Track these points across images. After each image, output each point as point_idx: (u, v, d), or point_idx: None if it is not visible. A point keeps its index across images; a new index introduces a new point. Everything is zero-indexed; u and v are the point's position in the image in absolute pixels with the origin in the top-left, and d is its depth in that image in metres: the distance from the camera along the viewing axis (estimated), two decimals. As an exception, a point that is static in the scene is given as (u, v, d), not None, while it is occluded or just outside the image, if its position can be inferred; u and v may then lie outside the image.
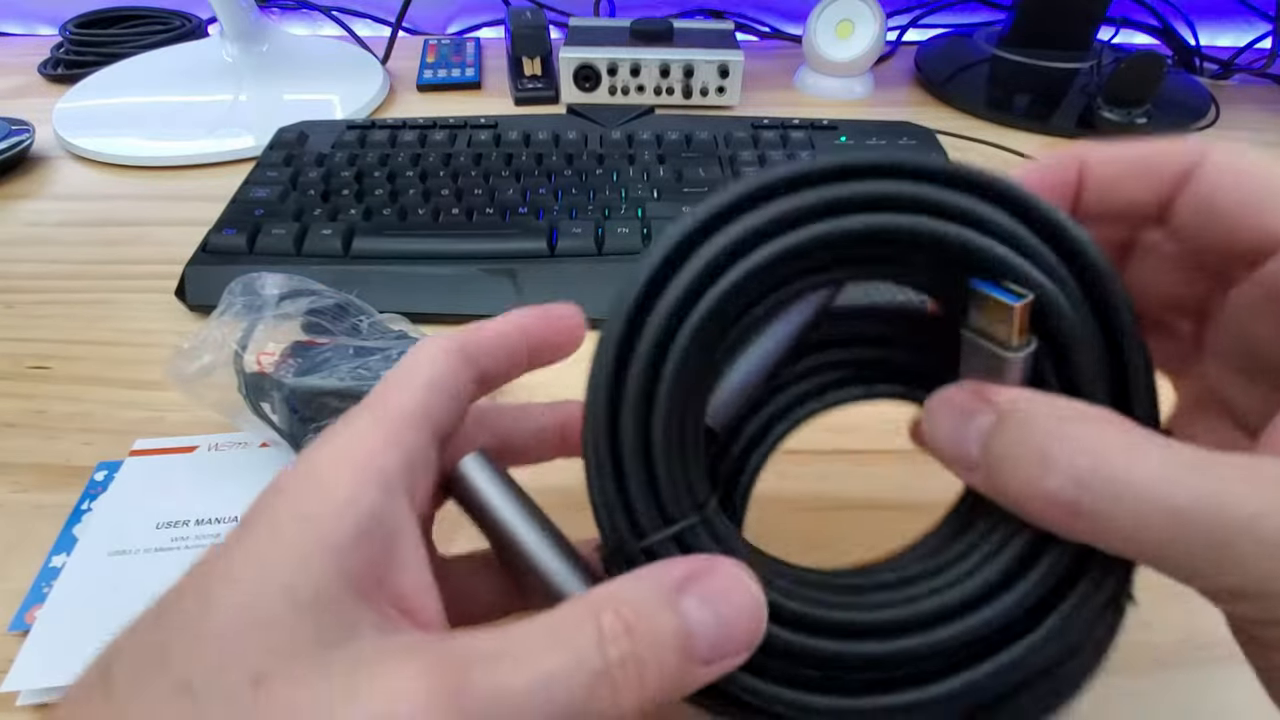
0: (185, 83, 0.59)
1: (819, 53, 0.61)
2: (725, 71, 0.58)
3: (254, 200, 0.43)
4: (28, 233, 0.46)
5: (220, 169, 0.51)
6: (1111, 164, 0.18)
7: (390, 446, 0.16)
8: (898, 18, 0.73)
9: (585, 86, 0.59)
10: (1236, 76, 0.68)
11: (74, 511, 0.29)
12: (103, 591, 0.25)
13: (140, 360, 0.36)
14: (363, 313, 0.32)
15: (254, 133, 0.53)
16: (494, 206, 0.42)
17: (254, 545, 0.15)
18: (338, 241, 0.40)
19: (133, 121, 0.55)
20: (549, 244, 0.40)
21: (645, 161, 0.47)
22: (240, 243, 0.40)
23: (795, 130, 0.51)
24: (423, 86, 0.63)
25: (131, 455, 0.31)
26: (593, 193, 0.44)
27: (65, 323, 0.39)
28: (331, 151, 0.48)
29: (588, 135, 0.50)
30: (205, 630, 0.13)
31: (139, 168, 0.52)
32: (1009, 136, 0.56)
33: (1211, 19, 0.74)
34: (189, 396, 0.29)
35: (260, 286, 0.31)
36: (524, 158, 0.47)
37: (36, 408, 0.34)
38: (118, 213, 0.48)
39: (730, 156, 0.48)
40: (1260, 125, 0.60)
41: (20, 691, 0.23)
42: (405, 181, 0.44)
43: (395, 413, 0.17)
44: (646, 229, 0.41)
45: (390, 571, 0.15)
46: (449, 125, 0.51)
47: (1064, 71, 0.62)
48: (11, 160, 0.50)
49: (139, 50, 0.64)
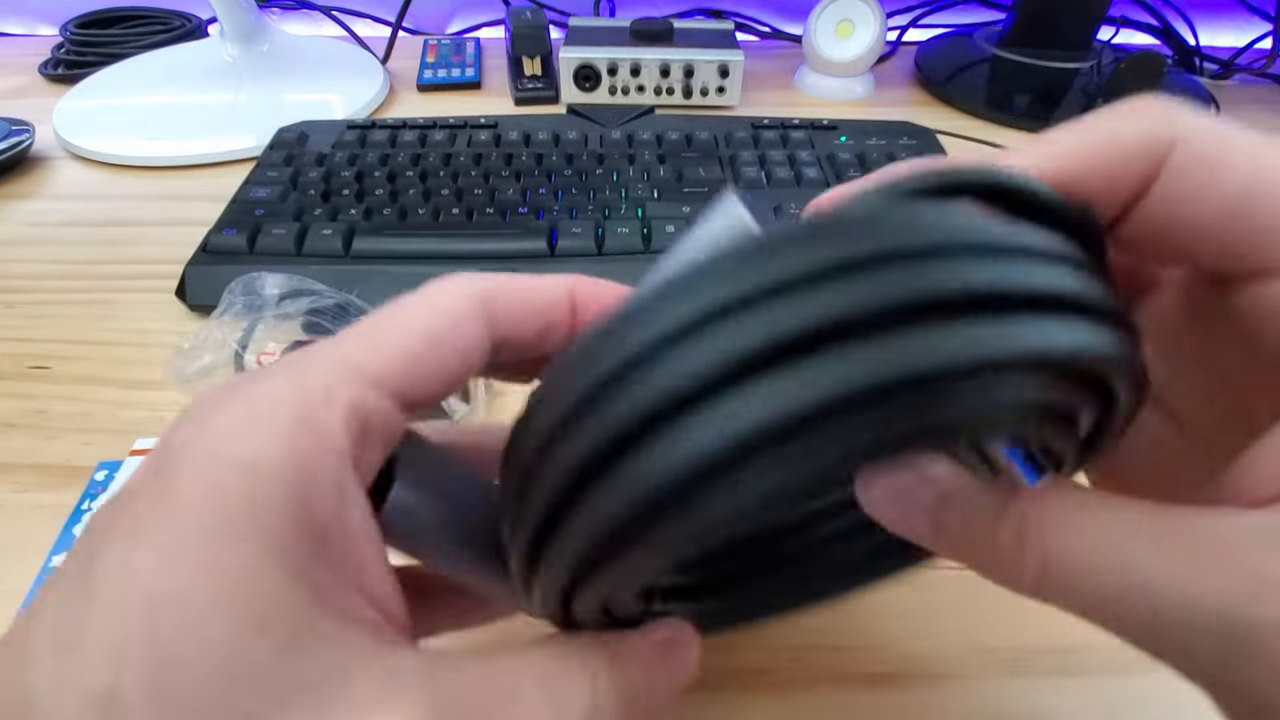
0: (185, 83, 0.59)
1: (819, 53, 0.61)
2: (725, 71, 0.58)
3: (254, 200, 0.43)
4: (28, 233, 0.46)
5: (220, 169, 0.51)
6: (1065, 165, 0.14)
7: (349, 414, 0.13)
8: (898, 18, 0.73)
9: (585, 86, 0.59)
10: (1236, 76, 0.68)
11: (74, 511, 0.29)
12: (103, 591, 0.25)
13: (140, 360, 0.36)
14: (363, 313, 0.32)
15: (254, 133, 0.53)
16: (494, 206, 0.42)
17: (174, 544, 0.12)
18: (338, 241, 0.40)
19: (133, 121, 0.55)
20: (549, 244, 0.40)
21: (645, 161, 0.47)
22: (240, 243, 0.40)
23: (795, 130, 0.51)
24: (423, 86, 0.63)
25: (131, 455, 0.31)
26: (593, 193, 0.44)
27: (65, 323, 0.39)
28: (332, 151, 0.48)
29: (588, 135, 0.50)
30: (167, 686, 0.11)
31: (139, 168, 0.52)
32: (1009, 136, 0.56)
33: (1211, 19, 0.74)
34: (189, 396, 0.29)
35: (260, 286, 0.31)
36: (524, 158, 0.47)
37: (36, 408, 0.34)
38: (118, 213, 0.48)
39: (730, 156, 0.48)
40: (1261, 125, 0.59)
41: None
42: (405, 181, 0.44)
43: (370, 368, 0.14)
44: (646, 229, 0.41)
45: (350, 568, 0.13)
46: (449, 125, 0.51)
47: (1064, 71, 0.62)
48: (11, 160, 0.50)
49: (139, 50, 0.64)
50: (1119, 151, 0.14)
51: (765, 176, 0.46)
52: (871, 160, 0.47)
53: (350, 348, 0.14)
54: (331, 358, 0.14)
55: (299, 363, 0.14)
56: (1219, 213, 0.13)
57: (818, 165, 0.47)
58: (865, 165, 0.47)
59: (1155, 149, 0.14)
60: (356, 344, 0.14)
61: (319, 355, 0.14)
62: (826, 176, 0.46)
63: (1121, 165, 0.14)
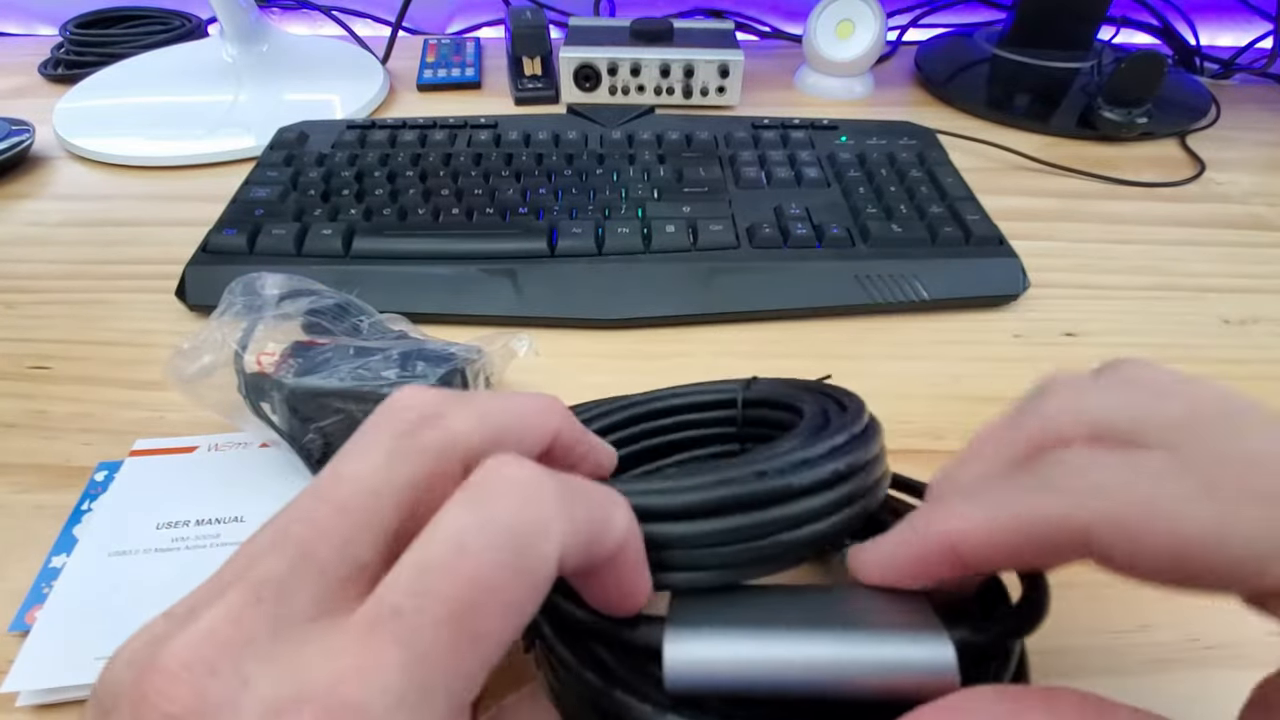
0: (185, 83, 0.59)
1: (819, 52, 0.61)
2: (725, 71, 0.58)
3: (254, 200, 0.43)
4: (28, 233, 0.46)
5: (220, 169, 0.51)
6: (985, 548, 0.15)
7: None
8: (898, 18, 0.73)
9: (585, 86, 0.59)
10: (1237, 76, 0.68)
11: (74, 511, 0.29)
12: (103, 592, 0.25)
13: (140, 360, 0.36)
14: (363, 313, 0.32)
15: (254, 133, 0.53)
16: (494, 206, 0.42)
17: None
18: (338, 241, 0.40)
19: (133, 121, 0.55)
20: (549, 244, 0.40)
21: (645, 161, 0.47)
22: (240, 243, 0.40)
23: (795, 130, 0.51)
24: (423, 86, 0.63)
25: (131, 455, 0.31)
26: (593, 193, 0.44)
27: (65, 323, 0.39)
28: (331, 151, 0.48)
29: (588, 135, 0.50)
30: None
31: (139, 168, 0.52)
32: (1009, 136, 0.56)
33: (1212, 18, 0.74)
34: (189, 396, 0.29)
35: (260, 286, 0.31)
36: (524, 158, 0.47)
37: (36, 408, 0.34)
38: (118, 213, 0.48)
39: (730, 156, 0.48)
40: (1261, 125, 0.60)
41: (20, 692, 0.23)
42: (405, 181, 0.44)
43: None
44: (646, 229, 0.41)
45: None
46: (449, 125, 0.51)
47: (1064, 71, 0.62)
48: (11, 160, 0.50)
49: (139, 50, 0.64)
50: (1032, 539, 0.15)
51: (765, 176, 0.46)
52: (871, 160, 0.47)
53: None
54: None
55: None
56: (1172, 569, 0.14)
57: (818, 165, 0.47)
58: (865, 165, 0.47)
59: (1068, 535, 0.14)
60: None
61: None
62: (827, 176, 0.46)
63: (1034, 555, 0.15)
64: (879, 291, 0.39)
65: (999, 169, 0.53)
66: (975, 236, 0.41)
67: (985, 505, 0.15)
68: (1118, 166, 0.53)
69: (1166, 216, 0.48)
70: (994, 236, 0.41)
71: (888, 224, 0.41)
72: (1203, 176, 0.52)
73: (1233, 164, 0.54)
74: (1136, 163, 0.54)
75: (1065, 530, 0.14)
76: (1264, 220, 0.48)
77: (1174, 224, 0.48)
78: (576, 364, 0.36)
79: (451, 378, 0.29)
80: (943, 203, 0.43)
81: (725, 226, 0.41)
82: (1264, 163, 0.55)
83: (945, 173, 0.46)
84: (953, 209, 0.43)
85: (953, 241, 0.41)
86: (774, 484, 0.18)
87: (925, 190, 0.44)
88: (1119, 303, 0.41)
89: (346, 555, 0.13)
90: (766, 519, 0.18)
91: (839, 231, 0.41)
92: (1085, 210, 0.49)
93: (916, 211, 0.43)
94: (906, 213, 0.43)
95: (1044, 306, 0.41)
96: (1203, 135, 0.58)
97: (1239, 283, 0.43)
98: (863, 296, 0.39)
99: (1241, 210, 0.49)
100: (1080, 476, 0.14)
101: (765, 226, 0.41)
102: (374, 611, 0.12)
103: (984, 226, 0.42)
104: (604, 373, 0.36)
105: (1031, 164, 0.53)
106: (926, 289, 0.39)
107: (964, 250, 0.41)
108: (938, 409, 0.34)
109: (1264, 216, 0.49)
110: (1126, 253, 0.45)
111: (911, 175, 0.46)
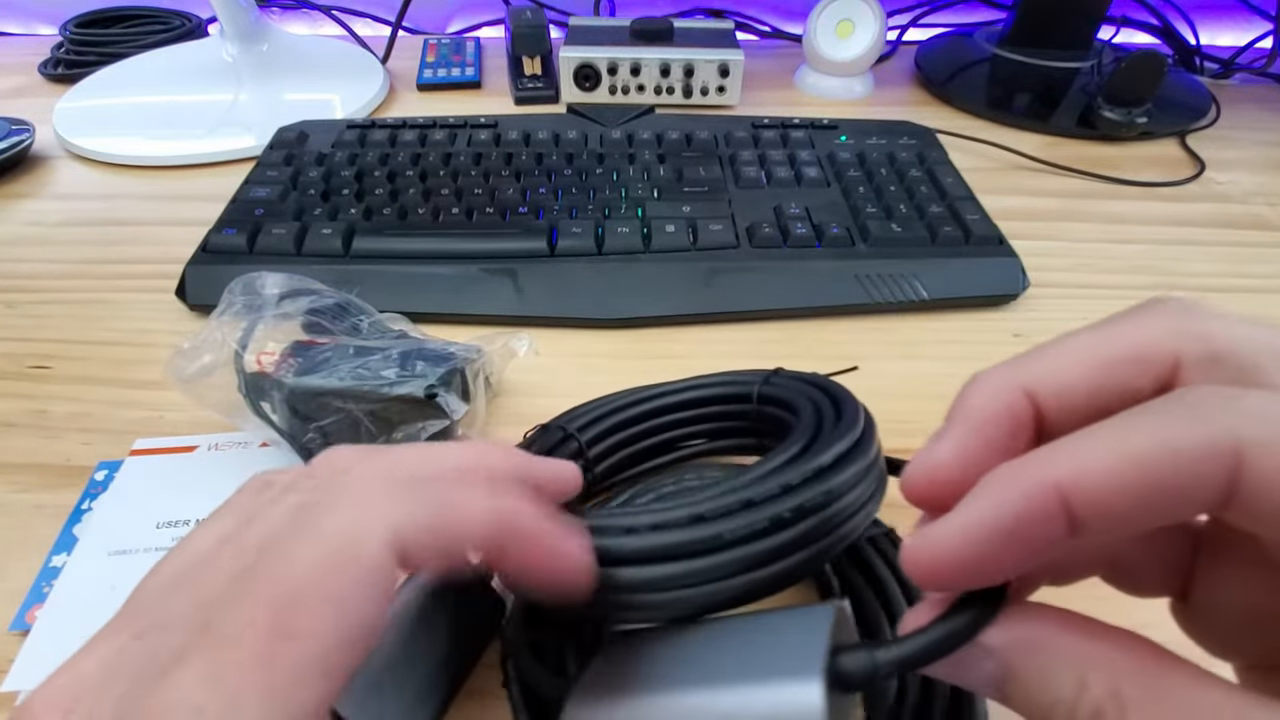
0: (185, 83, 0.59)
1: (819, 52, 0.61)
2: (725, 71, 0.58)
3: (254, 200, 0.43)
4: (28, 232, 0.46)
5: (220, 169, 0.51)
6: (1109, 494, 0.12)
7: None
8: (898, 17, 0.73)
9: (585, 86, 0.59)
10: (1237, 76, 0.68)
11: (74, 511, 0.29)
12: (103, 591, 0.25)
13: (140, 360, 0.36)
14: (363, 312, 0.32)
15: (254, 132, 0.53)
16: (494, 206, 0.42)
17: None
18: (338, 241, 0.40)
19: (133, 121, 0.55)
20: (549, 244, 0.40)
21: (645, 161, 0.47)
22: (240, 242, 0.40)
23: (795, 130, 0.51)
24: (423, 86, 0.63)
25: (131, 455, 0.31)
26: (593, 192, 0.44)
27: (65, 323, 0.39)
28: (331, 151, 0.48)
29: (588, 135, 0.50)
30: None
31: (139, 168, 0.52)
32: (1009, 136, 0.56)
33: (1212, 18, 0.74)
34: (189, 396, 0.29)
35: (260, 286, 0.31)
36: (524, 157, 0.47)
37: (36, 408, 0.34)
38: (118, 213, 0.48)
39: (730, 156, 0.48)
40: (1261, 125, 0.60)
41: (20, 691, 0.23)
42: (405, 181, 0.44)
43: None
44: (646, 228, 0.41)
45: None
46: (449, 125, 0.51)
47: (1064, 71, 0.62)
48: (11, 160, 0.50)
49: (139, 50, 0.64)
50: (1177, 473, 0.12)
51: (765, 176, 0.46)
52: (871, 160, 0.47)
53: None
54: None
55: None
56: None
57: (818, 165, 0.47)
58: (865, 164, 0.47)
59: (1218, 464, 0.11)
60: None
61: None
62: (826, 176, 0.46)
63: (1164, 501, 0.12)
64: (879, 291, 0.39)
65: (999, 169, 0.53)
66: (975, 236, 0.41)
67: (1104, 438, 0.12)
68: (1118, 166, 0.53)
69: (1166, 216, 0.48)
70: (994, 236, 0.41)
71: (887, 224, 0.41)
72: (1203, 176, 0.52)
73: (1233, 164, 0.54)
74: (1136, 162, 0.54)
75: (1213, 458, 0.11)
76: (1264, 220, 0.48)
77: (1174, 224, 0.48)
78: (576, 363, 0.36)
79: (451, 377, 0.29)
80: (942, 202, 0.43)
81: (725, 226, 0.41)
82: (1264, 162, 0.55)
83: (945, 172, 0.46)
84: (952, 209, 0.43)
85: (952, 241, 0.41)
86: (703, 534, 0.18)
87: (925, 190, 0.44)
88: (1119, 302, 0.40)
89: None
90: (696, 569, 0.18)
91: (839, 231, 0.41)
92: (1085, 210, 0.49)
93: (916, 211, 0.43)
94: (906, 212, 0.43)
95: (1044, 306, 0.41)
96: (1203, 135, 0.58)
97: (1239, 283, 0.43)
98: (862, 296, 0.39)
99: (1242, 210, 0.49)
100: (1227, 402, 0.12)
101: (765, 226, 0.41)
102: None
103: (984, 226, 0.42)
104: (604, 372, 0.36)
105: (1031, 164, 0.53)
106: (926, 289, 0.39)
107: (964, 250, 0.41)
108: (938, 409, 0.34)
109: (1264, 216, 0.49)
110: (1126, 253, 0.45)
111: (911, 175, 0.46)
